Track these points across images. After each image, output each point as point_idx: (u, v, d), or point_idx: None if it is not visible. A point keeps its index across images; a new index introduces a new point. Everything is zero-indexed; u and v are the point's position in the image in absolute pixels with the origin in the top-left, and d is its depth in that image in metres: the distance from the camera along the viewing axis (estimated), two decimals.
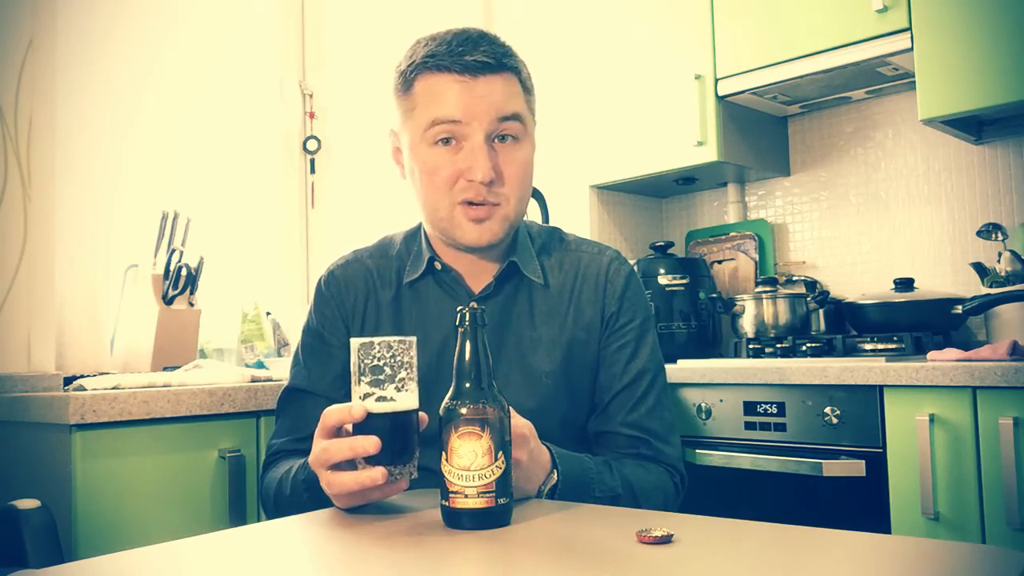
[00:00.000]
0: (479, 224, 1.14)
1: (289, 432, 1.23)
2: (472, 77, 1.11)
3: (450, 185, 1.13)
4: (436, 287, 1.24)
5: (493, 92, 1.12)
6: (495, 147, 1.13)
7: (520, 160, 1.15)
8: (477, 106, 1.11)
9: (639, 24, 2.44)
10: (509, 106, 1.13)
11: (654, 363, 1.25)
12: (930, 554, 0.76)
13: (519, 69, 1.17)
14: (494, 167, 1.12)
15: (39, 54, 1.68)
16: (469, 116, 1.11)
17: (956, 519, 1.57)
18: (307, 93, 2.47)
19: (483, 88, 1.12)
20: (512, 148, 1.15)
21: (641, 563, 0.72)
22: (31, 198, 1.65)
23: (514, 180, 1.14)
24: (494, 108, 1.12)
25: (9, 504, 1.06)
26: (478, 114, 1.11)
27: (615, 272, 1.26)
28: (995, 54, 1.81)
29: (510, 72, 1.15)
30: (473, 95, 1.11)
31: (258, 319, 2.19)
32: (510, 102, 1.13)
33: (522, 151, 1.16)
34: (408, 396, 0.92)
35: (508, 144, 1.14)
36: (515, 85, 1.16)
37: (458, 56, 1.11)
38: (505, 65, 1.13)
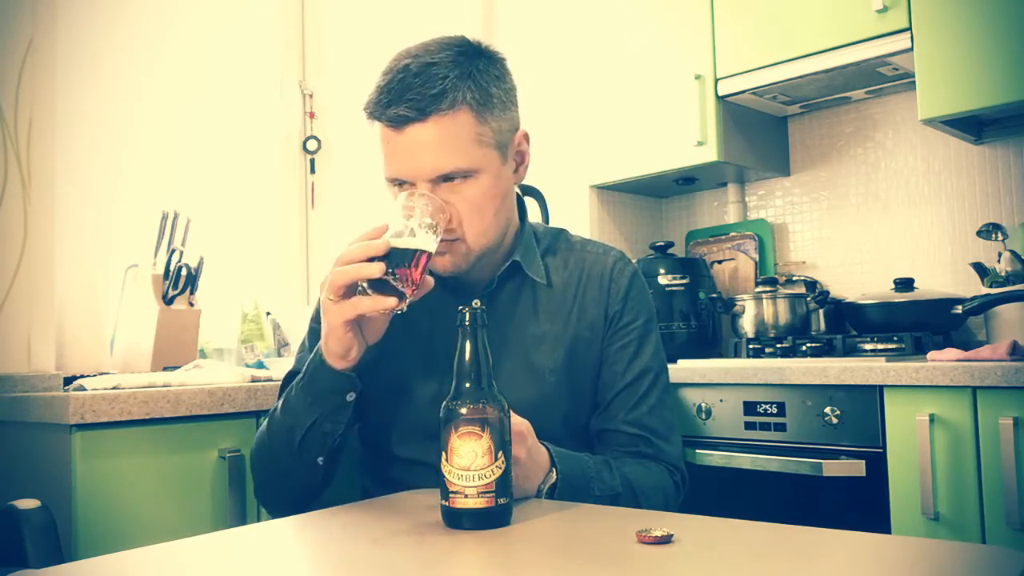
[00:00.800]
0: (440, 256, 1.12)
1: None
2: (398, 130, 1.08)
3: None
4: (439, 285, 1.24)
5: (423, 146, 1.07)
6: (442, 187, 1.10)
7: (470, 198, 1.11)
8: (410, 163, 1.09)
9: (639, 24, 2.44)
10: (443, 162, 1.08)
11: (657, 362, 1.26)
12: (930, 554, 0.76)
13: (462, 100, 1.08)
14: None
15: (39, 54, 1.68)
16: (407, 174, 1.10)
17: (956, 519, 1.57)
18: (307, 93, 2.47)
19: (410, 142, 1.08)
20: (460, 187, 1.10)
21: (641, 563, 0.72)
22: (31, 198, 1.65)
23: (465, 217, 1.11)
24: (428, 167, 1.08)
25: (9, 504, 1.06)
26: (415, 170, 1.09)
27: (619, 272, 1.27)
28: (995, 54, 1.81)
29: (445, 113, 1.07)
30: (406, 151, 1.09)
31: (258, 319, 2.19)
32: (444, 158, 1.08)
33: (472, 187, 1.11)
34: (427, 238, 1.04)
35: (456, 183, 1.10)
36: (455, 123, 1.08)
37: (384, 108, 1.08)
38: (430, 112, 1.06)
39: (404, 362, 1.21)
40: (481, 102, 1.10)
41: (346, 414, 1.13)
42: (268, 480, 1.22)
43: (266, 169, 2.40)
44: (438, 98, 1.06)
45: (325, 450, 1.14)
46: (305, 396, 1.12)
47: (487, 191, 1.12)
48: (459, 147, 1.09)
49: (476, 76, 1.10)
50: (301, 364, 1.23)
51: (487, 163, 1.12)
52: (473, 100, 1.09)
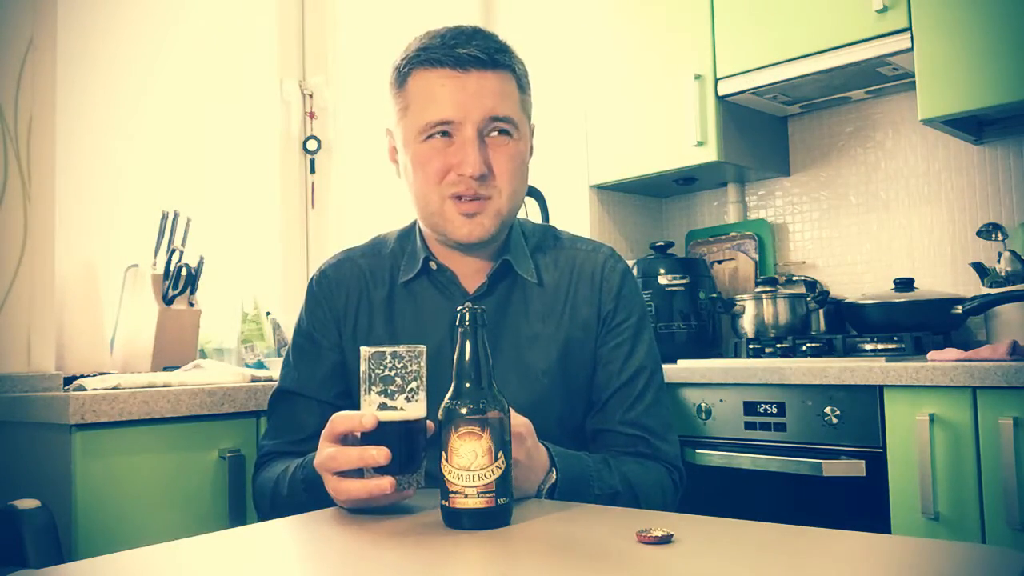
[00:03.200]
0: (470, 219, 1.13)
1: (280, 434, 1.23)
2: (464, 72, 1.11)
3: (440, 178, 1.13)
4: (430, 287, 1.24)
5: (484, 89, 1.11)
6: (487, 141, 1.13)
7: (512, 155, 1.14)
8: (468, 103, 1.11)
9: (639, 24, 2.44)
10: (501, 107, 1.12)
11: (651, 360, 1.25)
12: (930, 554, 0.76)
13: (514, 67, 1.16)
14: (485, 161, 1.12)
15: (39, 54, 1.67)
16: (460, 114, 1.11)
17: (956, 519, 1.57)
18: (307, 93, 2.47)
19: (474, 84, 1.11)
20: (504, 143, 1.14)
21: (641, 563, 0.72)
22: (31, 198, 1.65)
23: (505, 174, 1.13)
24: (485, 108, 1.11)
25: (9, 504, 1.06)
26: (469, 111, 1.11)
27: (610, 270, 1.26)
28: (995, 54, 1.81)
29: (504, 70, 1.14)
30: (464, 92, 1.11)
31: (258, 319, 2.19)
32: (502, 103, 1.13)
33: (514, 146, 1.15)
34: (417, 406, 0.92)
35: (500, 139, 1.14)
36: (509, 83, 1.15)
37: (450, 49, 1.11)
38: (498, 62, 1.13)
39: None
40: (522, 75, 1.18)
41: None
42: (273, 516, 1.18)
43: (266, 169, 2.40)
44: (502, 52, 1.14)
45: None
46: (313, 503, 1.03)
47: (523, 154, 1.18)
48: (513, 103, 1.15)
49: (516, 55, 1.18)
50: (287, 382, 1.23)
51: (525, 130, 1.18)
52: (519, 70, 1.17)
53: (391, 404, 0.91)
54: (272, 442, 1.23)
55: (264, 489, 1.17)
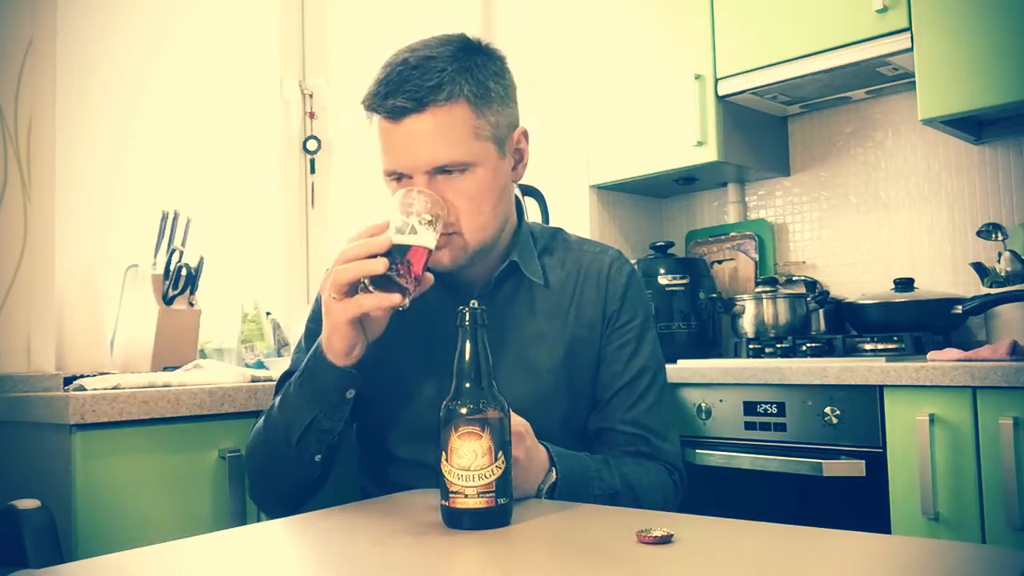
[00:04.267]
0: (438, 251, 1.12)
1: None
2: (396, 122, 1.08)
3: None
4: (437, 285, 1.24)
5: (420, 137, 1.08)
6: (438, 180, 1.10)
7: (467, 191, 1.11)
8: (409, 154, 1.09)
9: (639, 24, 2.44)
10: (440, 155, 1.09)
11: (654, 362, 1.26)
12: (930, 554, 0.76)
13: (459, 93, 1.08)
14: None
15: (39, 54, 1.67)
16: (405, 166, 1.10)
17: (956, 519, 1.57)
18: (307, 93, 2.47)
19: (406, 134, 1.08)
20: (457, 180, 1.11)
21: (641, 563, 0.72)
22: (31, 198, 1.65)
23: (462, 211, 1.11)
24: (425, 159, 1.09)
25: (9, 504, 1.06)
26: (412, 162, 1.09)
27: (617, 271, 1.27)
28: (995, 54, 1.81)
29: (442, 105, 1.07)
30: (402, 142, 1.09)
31: (258, 319, 2.19)
32: (442, 148, 1.08)
33: (469, 181, 1.11)
34: (428, 235, 1.04)
35: (453, 176, 1.10)
36: (452, 116, 1.08)
37: (382, 99, 1.09)
38: (427, 103, 1.07)
39: (403, 362, 1.21)
40: (479, 95, 1.10)
41: (345, 411, 1.13)
42: (264, 478, 1.22)
43: (266, 169, 2.40)
44: (435, 89, 1.07)
45: (323, 447, 1.14)
46: (304, 393, 1.12)
47: (484, 185, 1.13)
48: (456, 139, 1.09)
49: (474, 70, 1.11)
50: (297, 364, 1.23)
51: (484, 156, 1.12)
52: (471, 93, 1.10)
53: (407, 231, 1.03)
54: None
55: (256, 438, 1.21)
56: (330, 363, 1.09)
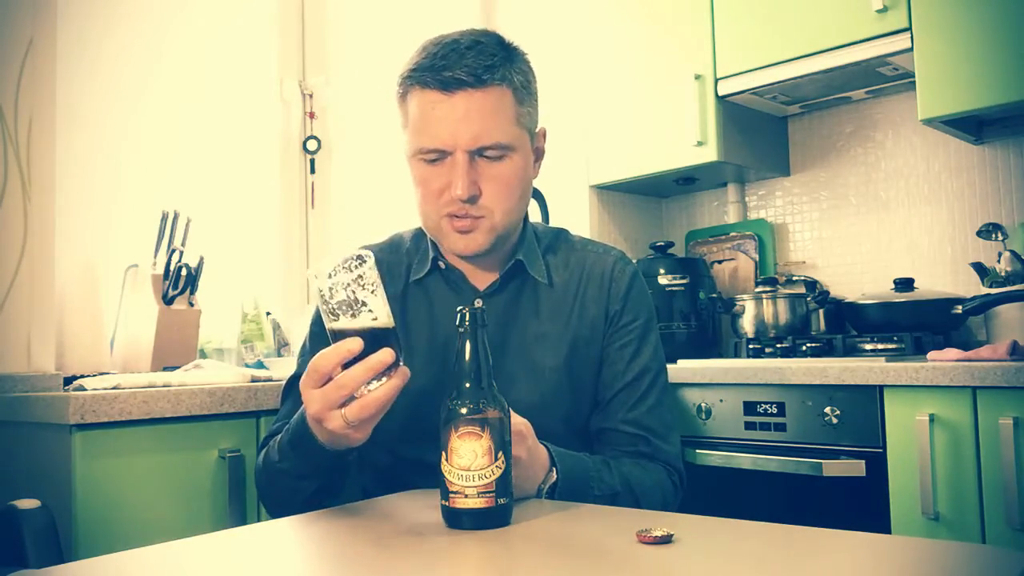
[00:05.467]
0: (464, 235, 1.14)
1: (288, 417, 1.23)
2: (450, 94, 1.09)
3: (437, 197, 1.15)
4: (442, 284, 1.26)
5: (472, 113, 1.09)
6: (477, 162, 1.12)
7: (504, 175, 1.13)
8: (456, 130, 1.10)
9: (639, 24, 2.44)
10: (488, 134, 1.10)
11: (656, 362, 1.26)
12: (930, 554, 0.76)
13: (510, 79, 1.12)
14: (475, 183, 1.12)
15: (39, 54, 1.67)
16: (449, 142, 1.10)
17: (956, 519, 1.57)
18: (307, 93, 2.47)
19: (462, 108, 1.09)
20: (496, 164, 1.13)
21: (641, 563, 0.72)
22: (31, 198, 1.65)
23: (495, 195, 1.13)
24: (472, 135, 1.10)
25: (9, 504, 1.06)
26: (457, 139, 1.10)
27: (620, 272, 1.27)
28: (995, 54, 1.81)
29: (496, 86, 1.10)
30: (452, 116, 1.10)
31: (258, 319, 2.19)
32: (491, 128, 1.10)
33: (507, 166, 1.14)
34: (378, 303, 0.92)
35: (492, 160, 1.13)
36: (503, 100, 1.12)
37: (438, 71, 1.09)
38: (486, 80, 1.09)
39: (407, 361, 1.21)
40: (522, 85, 1.15)
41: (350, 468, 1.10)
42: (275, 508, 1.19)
43: (266, 169, 2.40)
44: (492, 69, 1.10)
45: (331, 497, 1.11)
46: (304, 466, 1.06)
47: (518, 172, 1.16)
48: (504, 121, 1.12)
49: (516, 62, 1.15)
50: (303, 369, 1.23)
51: (522, 144, 1.16)
52: (517, 81, 1.13)
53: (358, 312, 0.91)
54: (280, 424, 1.23)
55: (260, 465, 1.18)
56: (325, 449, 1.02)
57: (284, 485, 1.12)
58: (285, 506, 1.14)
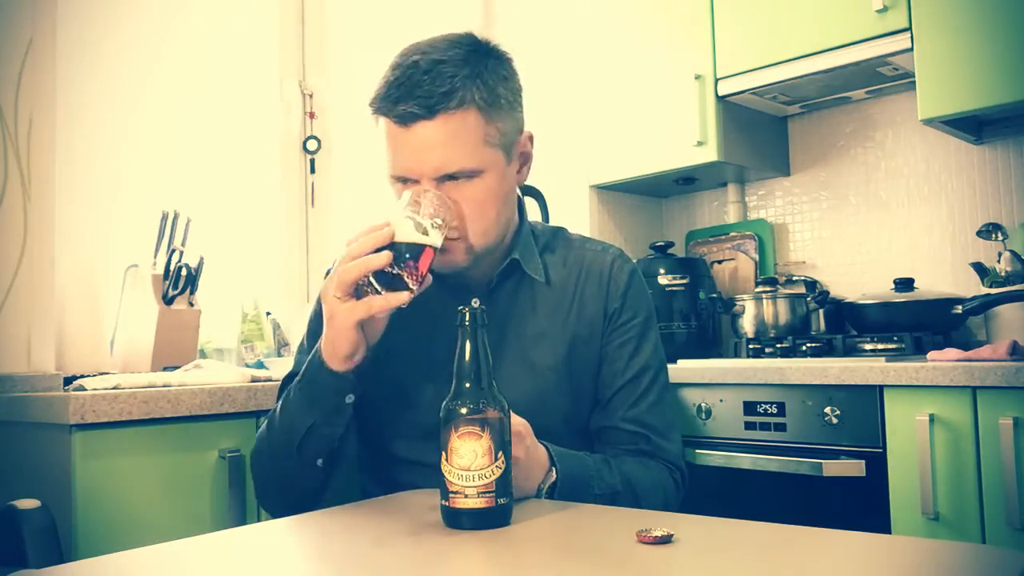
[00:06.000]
0: (442, 254, 1.12)
1: None
2: (406, 127, 1.07)
3: None
4: (439, 284, 1.24)
5: (429, 143, 1.07)
6: (446, 187, 1.10)
7: (474, 197, 1.11)
8: (417, 159, 1.08)
9: (639, 24, 2.44)
10: (449, 162, 1.08)
11: (656, 360, 1.26)
12: (930, 554, 0.76)
13: (471, 100, 1.07)
14: None
15: (39, 54, 1.67)
16: (413, 171, 1.09)
17: (956, 519, 1.57)
18: (307, 93, 2.47)
19: (417, 140, 1.07)
20: (465, 186, 1.10)
21: (641, 563, 0.72)
22: (31, 198, 1.65)
23: (467, 216, 1.11)
24: (433, 165, 1.08)
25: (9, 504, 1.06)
26: (420, 168, 1.09)
27: (618, 269, 1.27)
28: (995, 54, 1.81)
29: (454, 112, 1.06)
30: (411, 147, 1.08)
31: (258, 319, 2.19)
32: (450, 155, 1.08)
33: (476, 187, 1.11)
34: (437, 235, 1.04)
35: (460, 183, 1.10)
36: (464, 122, 1.07)
37: (393, 103, 1.08)
38: (439, 110, 1.06)
39: (404, 363, 1.21)
40: (489, 102, 1.09)
41: (345, 416, 1.13)
42: (268, 482, 1.22)
43: (266, 169, 2.40)
44: (447, 96, 1.06)
45: (324, 452, 1.14)
46: (303, 398, 1.12)
47: (491, 191, 1.12)
48: (466, 146, 1.08)
49: (484, 76, 1.10)
50: (299, 366, 1.23)
51: (492, 163, 1.12)
52: (481, 100, 1.08)
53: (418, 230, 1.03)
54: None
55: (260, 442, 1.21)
56: (329, 369, 1.09)
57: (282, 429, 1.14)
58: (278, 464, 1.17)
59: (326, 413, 1.11)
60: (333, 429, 1.12)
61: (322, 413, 1.11)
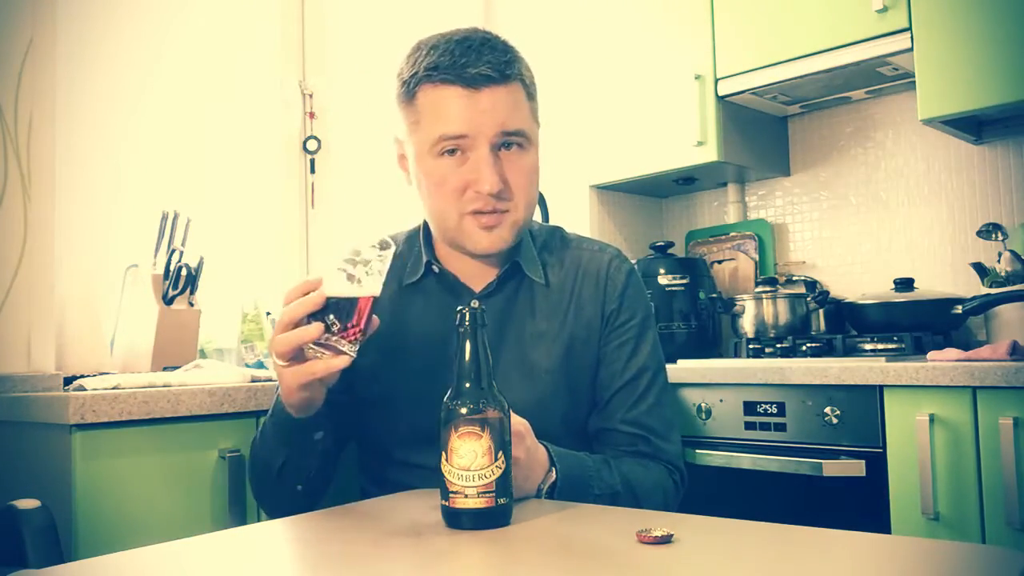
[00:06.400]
0: (489, 232, 1.14)
1: None
2: (476, 90, 1.10)
3: (458, 196, 1.13)
4: (437, 287, 1.25)
5: (497, 105, 1.10)
6: (500, 155, 1.12)
7: (526, 167, 1.15)
8: (482, 120, 1.10)
9: (639, 24, 2.44)
10: (513, 121, 1.12)
11: (654, 361, 1.25)
12: (930, 554, 0.76)
13: (523, 76, 1.15)
14: (501, 176, 1.11)
15: (39, 54, 1.67)
16: (474, 130, 1.10)
17: (956, 519, 1.57)
18: (307, 93, 2.47)
19: (487, 101, 1.10)
20: (517, 156, 1.14)
21: (641, 563, 0.72)
22: (31, 198, 1.65)
23: (521, 187, 1.14)
24: (498, 123, 1.11)
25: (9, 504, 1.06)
26: (483, 128, 1.10)
27: (616, 270, 1.26)
28: (995, 54, 1.81)
29: (514, 81, 1.13)
30: (477, 109, 1.10)
31: (258, 319, 2.19)
32: (514, 116, 1.12)
33: (527, 158, 1.15)
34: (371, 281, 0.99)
35: (513, 152, 1.13)
36: (519, 94, 1.14)
37: (461, 68, 1.09)
38: (509, 76, 1.12)
39: (403, 364, 1.21)
40: (529, 81, 1.17)
41: (316, 450, 1.14)
42: (260, 495, 1.25)
43: (266, 169, 2.40)
44: (511, 64, 1.12)
45: (302, 480, 1.15)
46: (275, 434, 1.13)
47: (535, 164, 1.18)
48: (524, 113, 1.15)
49: (524, 60, 1.17)
50: None
51: (536, 137, 1.18)
52: (527, 78, 1.16)
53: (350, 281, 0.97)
54: None
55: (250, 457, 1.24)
56: (291, 416, 1.08)
57: (262, 457, 1.16)
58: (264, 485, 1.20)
59: (296, 450, 1.13)
60: (307, 461, 1.14)
61: (292, 450, 1.13)
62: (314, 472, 1.15)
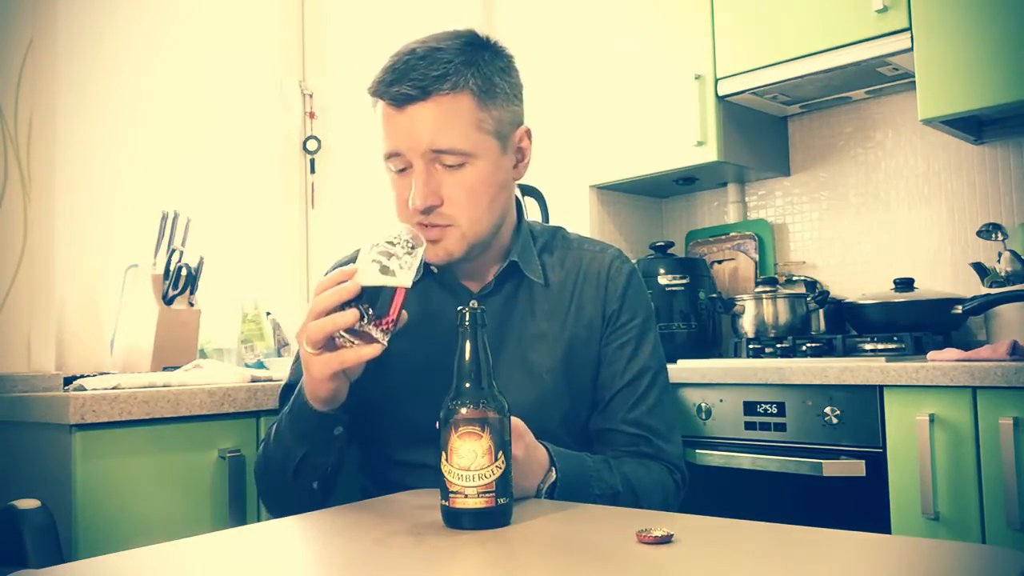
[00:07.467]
0: (434, 244, 1.13)
1: None
2: (399, 109, 1.10)
3: (405, 207, 1.14)
4: (437, 286, 1.25)
5: (419, 124, 1.09)
6: (438, 171, 1.11)
7: (465, 183, 1.12)
8: (407, 137, 1.10)
9: (639, 24, 2.44)
10: (442, 139, 1.09)
11: (655, 361, 1.25)
12: (930, 554, 0.76)
13: (465, 85, 1.10)
14: (435, 192, 1.11)
15: (39, 54, 1.67)
16: (404, 148, 1.11)
17: (956, 519, 1.57)
18: (307, 93, 2.47)
19: (407, 121, 1.10)
20: (456, 172, 1.12)
21: (641, 563, 0.72)
22: (31, 198, 1.65)
23: (458, 203, 1.12)
24: (425, 141, 1.10)
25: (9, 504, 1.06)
26: (412, 145, 1.10)
27: (616, 270, 1.26)
28: (995, 54, 1.81)
29: (446, 94, 1.09)
30: (401, 127, 1.11)
31: (258, 319, 2.19)
32: (444, 133, 1.09)
33: (468, 173, 1.12)
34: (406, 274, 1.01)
35: (452, 167, 1.12)
36: (458, 105, 1.10)
37: (388, 86, 1.10)
38: (431, 92, 1.09)
39: (403, 365, 1.21)
40: (483, 89, 1.12)
41: (336, 446, 1.14)
42: (271, 497, 1.24)
43: (266, 169, 2.40)
44: (440, 79, 1.09)
45: (319, 476, 1.15)
46: (294, 431, 1.13)
47: (483, 178, 1.13)
48: (458, 128, 1.10)
49: (480, 65, 1.12)
50: (296, 376, 1.23)
51: (485, 150, 1.13)
52: (476, 86, 1.11)
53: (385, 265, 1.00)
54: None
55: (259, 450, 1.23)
56: (314, 409, 1.09)
57: (276, 457, 1.15)
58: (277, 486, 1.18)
59: (316, 445, 1.12)
60: (326, 457, 1.14)
61: (312, 445, 1.12)
62: (331, 468, 1.15)
